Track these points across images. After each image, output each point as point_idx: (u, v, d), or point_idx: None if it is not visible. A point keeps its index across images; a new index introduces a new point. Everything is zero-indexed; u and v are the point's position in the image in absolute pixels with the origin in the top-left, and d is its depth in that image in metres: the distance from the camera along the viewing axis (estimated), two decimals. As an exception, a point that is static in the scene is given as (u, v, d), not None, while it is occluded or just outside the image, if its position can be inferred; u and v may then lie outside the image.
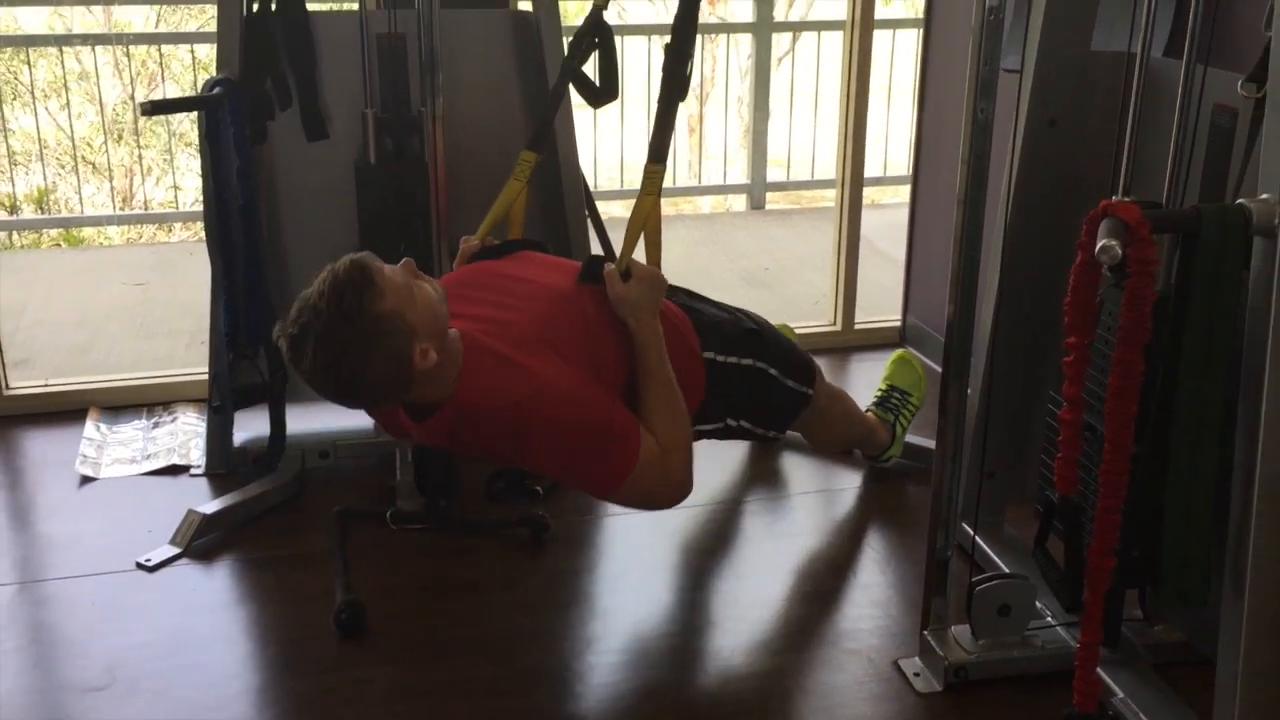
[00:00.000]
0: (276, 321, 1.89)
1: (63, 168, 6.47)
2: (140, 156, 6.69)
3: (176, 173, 6.46)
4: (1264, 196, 1.60)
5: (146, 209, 6.45)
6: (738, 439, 2.50)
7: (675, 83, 2.22)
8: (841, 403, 2.72)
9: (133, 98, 6.75)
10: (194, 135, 6.76)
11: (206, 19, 6.96)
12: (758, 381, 2.41)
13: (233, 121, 2.58)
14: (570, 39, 2.35)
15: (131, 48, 6.19)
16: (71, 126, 6.00)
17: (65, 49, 6.26)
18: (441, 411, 2.01)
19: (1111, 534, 1.67)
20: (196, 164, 6.66)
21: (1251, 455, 1.64)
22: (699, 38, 2.23)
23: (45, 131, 6.13)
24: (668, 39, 2.23)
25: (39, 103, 6.04)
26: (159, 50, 6.25)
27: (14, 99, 6.09)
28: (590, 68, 2.47)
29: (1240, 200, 1.63)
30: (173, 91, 6.11)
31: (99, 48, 6.02)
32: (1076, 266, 1.64)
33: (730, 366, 2.35)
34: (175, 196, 6.45)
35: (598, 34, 2.32)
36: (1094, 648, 1.73)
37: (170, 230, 6.71)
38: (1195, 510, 1.74)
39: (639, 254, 2.22)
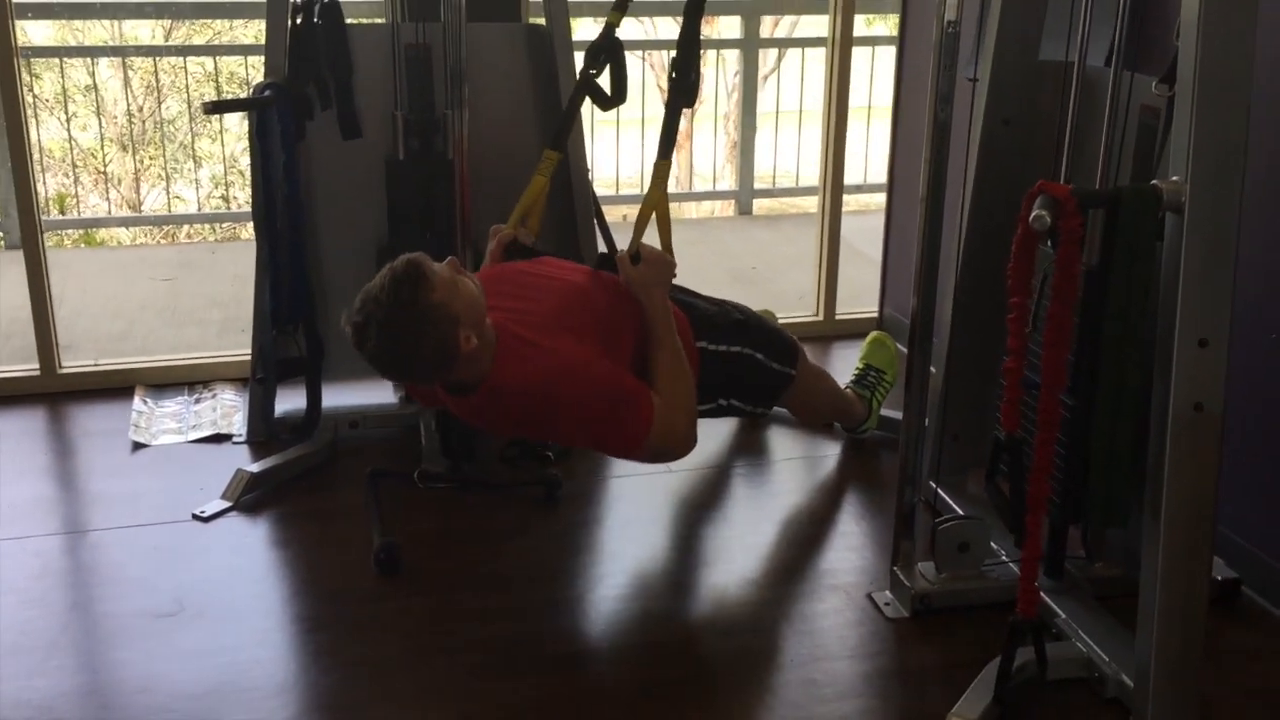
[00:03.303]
0: (315, 301, 2.15)
1: (67, 177, 6.77)
2: (149, 165, 7.00)
3: (183, 181, 6.78)
4: (1173, 178, 1.91)
5: (170, 211, 6.78)
6: (729, 416, 2.81)
7: (679, 89, 2.55)
8: (823, 380, 3.04)
9: (141, 109, 7.07)
10: (198, 147, 7.11)
11: (213, 35, 7.31)
12: (745, 365, 2.73)
13: (280, 120, 2.89)
14: (585, 51, 2.65)
15: (138, 61, 6.50)
16: (102, 133, 6.30)
17: (70, 62, 6.57)
18: (478, 391, 2.32)
19: (1048, 463, 1.97)
20: (199, 173, 7.03)
21: (1165, 402, 1.95)
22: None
23: (60, 141, 6.43)
24: (673, 53, 2.56)
25: (54, 113, 6.34)
26: (173, 63, 6.55)
27: (28, 109, 6.37)
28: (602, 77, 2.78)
29: (1154, 181, 1.95)
30: (179, 103, 6.53)
31: (103, 61, 6.32)
32: (1017, 237, 1.95)
33: (720, 354, 2.67)
34: (197, 204, 6.78)
35: (611, 48, 2.63)
36: (1034, 561, 2.03)
37: (174, 238, 7.01)
38: (1118, 444, 2.05)
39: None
